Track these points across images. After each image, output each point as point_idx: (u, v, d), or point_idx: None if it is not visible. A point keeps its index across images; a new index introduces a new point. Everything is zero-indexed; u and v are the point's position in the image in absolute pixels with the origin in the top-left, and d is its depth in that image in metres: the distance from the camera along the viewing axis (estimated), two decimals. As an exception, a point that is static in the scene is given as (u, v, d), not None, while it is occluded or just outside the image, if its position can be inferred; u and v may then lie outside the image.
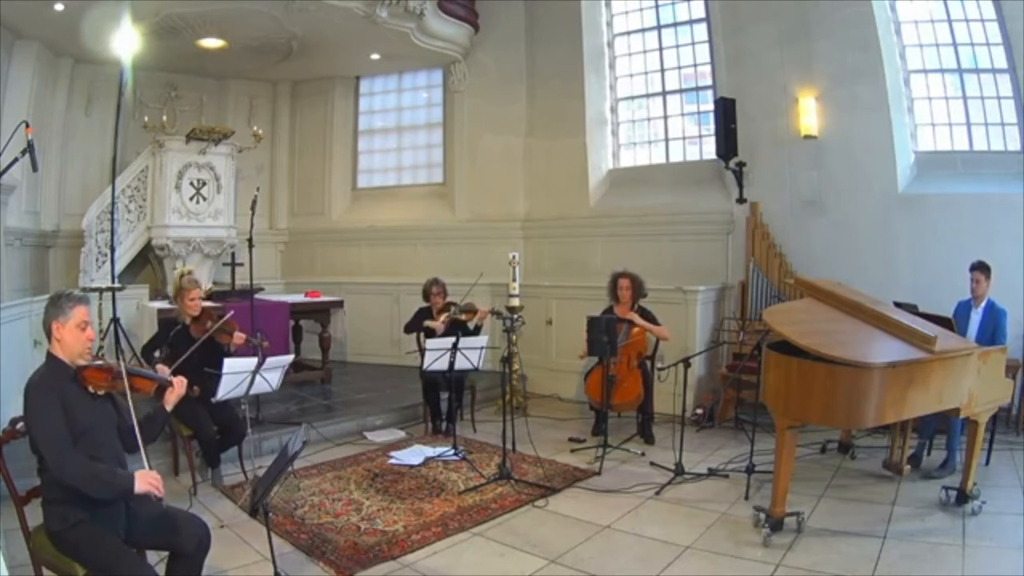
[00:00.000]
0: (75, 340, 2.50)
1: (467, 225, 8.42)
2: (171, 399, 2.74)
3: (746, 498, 4.11)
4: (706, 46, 7.17)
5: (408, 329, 6.01)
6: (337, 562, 3.31)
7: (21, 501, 2.50)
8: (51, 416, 2.35)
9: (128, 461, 2.59)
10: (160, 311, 5.81)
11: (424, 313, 5.99)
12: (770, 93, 6.49)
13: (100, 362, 2.58)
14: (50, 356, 2.53)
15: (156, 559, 2.71)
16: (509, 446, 4.84)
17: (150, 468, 2.48)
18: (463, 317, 5.78)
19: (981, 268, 4.61)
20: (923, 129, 6.14)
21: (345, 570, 3.24)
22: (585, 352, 5.59)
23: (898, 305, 4.41)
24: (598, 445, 5.04)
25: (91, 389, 2.49)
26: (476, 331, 5.80)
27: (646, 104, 7.74)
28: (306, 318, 7.40)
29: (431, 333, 5.73)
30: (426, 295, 6.00)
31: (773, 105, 6.47)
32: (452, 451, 5.01)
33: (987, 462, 4.54)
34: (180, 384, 2.78)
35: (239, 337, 4.62)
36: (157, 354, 4.51)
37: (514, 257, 6.47)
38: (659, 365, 5.54)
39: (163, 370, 4.01)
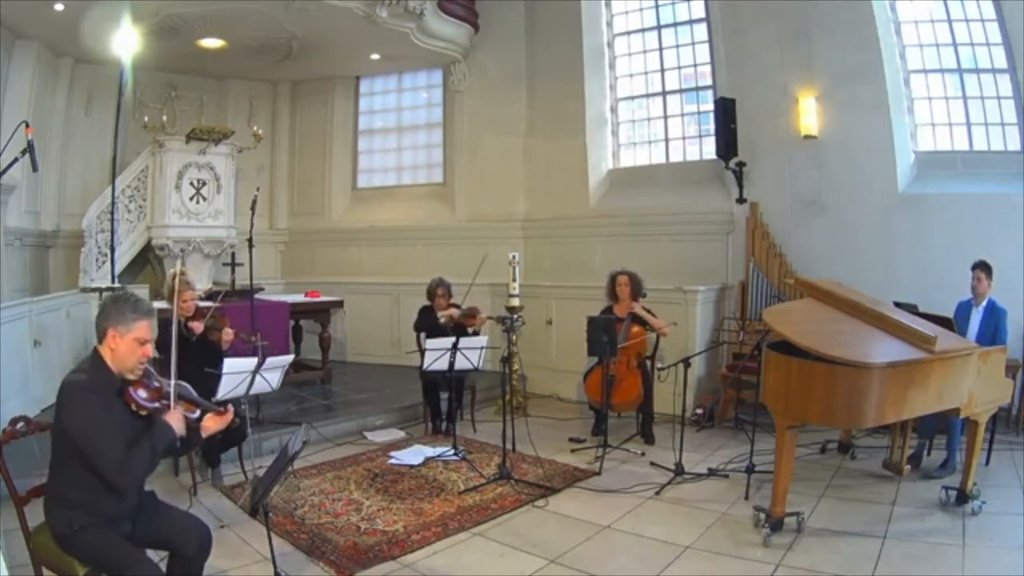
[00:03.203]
0: (130, 354, 2.35)
1: (467, 225, 8.42)
2: (210, 425, 2.56)
3: (746, 498, 4.11)
4: (706, 46, 7.17)
5: (418, 327, 5.94)
6: (337, 562, 3.31)
7: (21, 501, 2.50)
8: (102, 422, 2.22)
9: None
10: (160, 311, 5.79)
11: (428, 311, 5.98)
12: (770, 93, 6.49)
13: (150, 384, 2.42)
14: (98, 358, 2.36)
15: (156, 558, 2.71)
16: (509, 446, 4.84)
17: (174, 406, 2.41)
18: (466, 321, 5.78)
19: (983, 267, 4.61)
20: (923, 129, 6.14)
21: (345, 570, 3.24)
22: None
23: (898, 305, 4.41)
24: (598, 445, 5.03)
25: (133, 408, 2.36)
26: (475, 334, 5.78)
27: (646, 104, 7.74)
28: (306, 318, 7.40)
29: (434, 332, 5.71)
30: (430, 295, 5.97)
31: (773, 105, 6.46)
32: (452, 451, 5.01)
33: (987, 462, 4.54)
34: (227, 418, 2.60)
35: (228, 334, 4.60)
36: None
37: (514, 257, 6.46)
38: (659, 365, 5.53)
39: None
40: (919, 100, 6.13)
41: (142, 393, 2.38)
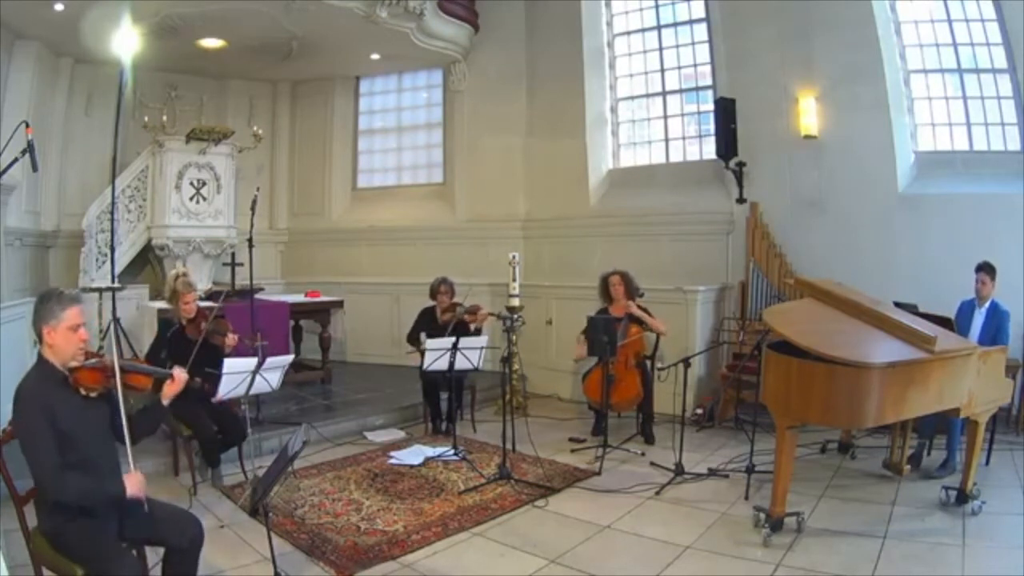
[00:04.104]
0: (67, 344, 2.41)
1: (467, 225, 8.42)
2: (168, 393, 2.70)
3: (746, 498, 4.11)
4: (706, 46, 7.16)
5: (411, 338, 5.92)
6: (337, 562, 3.32)
7: (21, 501, 2.50)
8: (39, 439, 2.28)
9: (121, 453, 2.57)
10: (160, 311, 5.82)
11: (426, 315, 5.98)
12: (770, 93, 6.48)
13: (94, 361, 2.50)
14: (41, 360, 2.44)
15: (155, 558, 2.71)
16: (509, 446, 4.84)
17: (134, 468, 2.47)
18: (467, 318, 5.78)
19: (987, 269, 4.61)
20: (923, 129, 6.14)
21: (345, 570, 3.24)
22: (580, 354, 5.57)
23: (898, 305, 4.41)
24: (598, 445, 5.04)
25: (83, 392, 2.42)
26: (477, 332, 5.79)
27: (646, 104, 7.73)
28: (306, 318, 7.40)
29: (434, 332, 5.71)
30: (433, 293, 5.98)
31: (773, 105, 6.46)
32: (452, 451, 5.01)
33: (987, 462, 4.54)
34: (179, 379, 2.73)
35: (231, 339, 4.62)
36: (163, 355, 4.50)
37: (514, 257, 6.46)
38: (659, 365, 5.54)
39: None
40: (919, 100, 6.13)
41: (87, 378, 2.44)
